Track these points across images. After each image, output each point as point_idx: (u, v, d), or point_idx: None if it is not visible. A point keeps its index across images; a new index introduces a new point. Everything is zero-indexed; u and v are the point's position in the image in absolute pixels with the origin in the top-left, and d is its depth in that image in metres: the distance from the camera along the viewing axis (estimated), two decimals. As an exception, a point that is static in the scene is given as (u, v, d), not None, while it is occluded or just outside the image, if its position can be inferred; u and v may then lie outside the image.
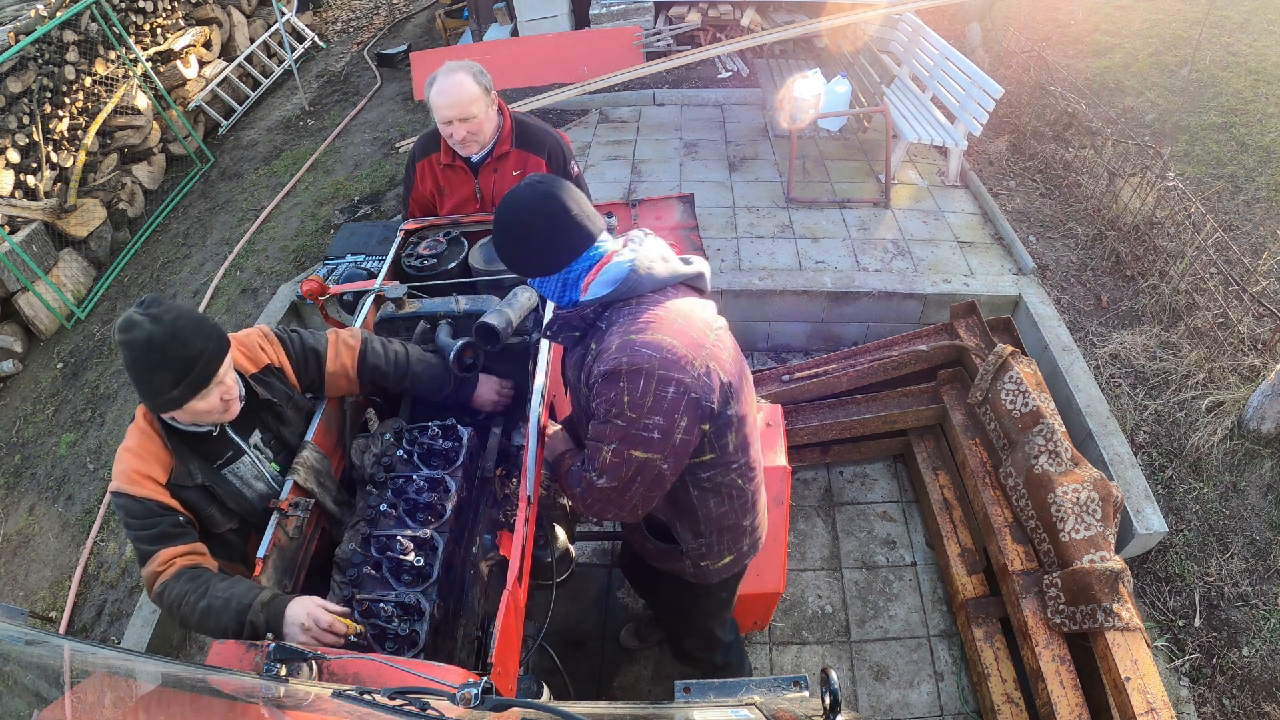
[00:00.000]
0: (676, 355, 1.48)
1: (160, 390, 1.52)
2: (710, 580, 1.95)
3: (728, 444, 1.66)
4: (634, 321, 1.51)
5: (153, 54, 6.52)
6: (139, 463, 1.63)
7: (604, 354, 1.51)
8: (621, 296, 1.55)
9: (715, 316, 1.67)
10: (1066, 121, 5.18)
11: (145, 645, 2.95)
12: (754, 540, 1.94)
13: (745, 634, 2.91)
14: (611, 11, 6.80)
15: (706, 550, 1.86)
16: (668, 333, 1.49)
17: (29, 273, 4.83)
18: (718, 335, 1.61)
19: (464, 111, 2.34)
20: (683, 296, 1.60)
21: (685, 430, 1.53)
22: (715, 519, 1.80)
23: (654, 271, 1.56)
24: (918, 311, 4.10)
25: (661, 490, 1.63)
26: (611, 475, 1.56)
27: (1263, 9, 6.85)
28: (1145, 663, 2.31)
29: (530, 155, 2.55)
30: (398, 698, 0.99)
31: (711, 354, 1.55)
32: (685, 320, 1.54)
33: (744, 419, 1.69)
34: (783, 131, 5.41)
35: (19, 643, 1.25)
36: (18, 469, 4.14)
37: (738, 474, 1.74)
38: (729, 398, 1.59)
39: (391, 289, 2.30)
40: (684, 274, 1.61)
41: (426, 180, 2.67)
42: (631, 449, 1.52)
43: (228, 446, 1.73)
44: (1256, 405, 3.16)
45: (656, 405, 1.48)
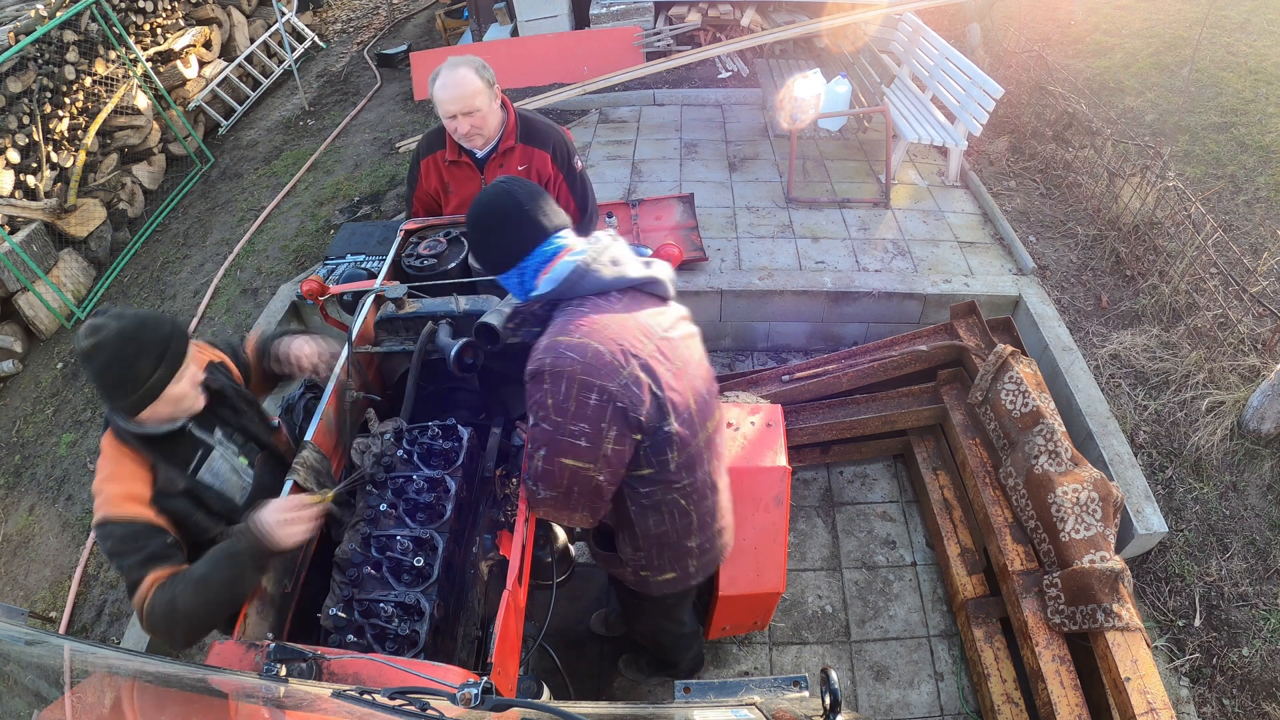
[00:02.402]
0: (601, 361, 1.46)
1: (141, 378, 1.54)
2: (650, 591, 1.93)
3: (667, 461, 1.62)
4: (566, 323, 1.52)
5: (153, 54, 6.52)
6: (120, 485, 1.62)
7: (533, 353, 1.53)
8: (563, 295, 1.57)
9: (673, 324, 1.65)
10: (1066, 121, 5.18)
11: (145, 645, 2.95)
12: (703, 562, 1.89)
13: (745, 634, 2.91)
14: (611, 11, 6.80)
15: (646, 563, 1.84)
16: (596, 338, 1.48)
17: (29, 273, 4.83)
18: (661, 346, 1.57)
19: (468, 105, 2.33)
20: (630, 301, 1.60)
21: (615, 440, 1.51)
22: (654, 536, 1.77)
23: (600, 273, 1.56)
24: (918, 311, 4.10)
25: (602, 500, 1.63)
26: (546, 484, 1.57)
27: (1263, 9, 6.85)
28: (1145, 663, 2.31)
29: (535, 150, 2.54)
30: (398, 698, 0.99)
31: (647, 364, 1.52)
32: (619, 326, 1.52)
33: (689, 438, 1.64)
34: (783, 131, 5.41)
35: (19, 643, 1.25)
36: (18, 469, 4.14)
37: (680, 494, 1.70)
38: (664, 412, 1.55)
39: (391, 289, 2.30)
40: (631, 278, 1.60)
41: (431, 178, 2.65)
42: (561, 456, 1.52)
43: (196, 446, 1.75)
44: (1256, 405, 3.16)
45: (580, 411, 1.47)
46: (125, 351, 1.53)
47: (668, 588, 1.91)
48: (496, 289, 2.43)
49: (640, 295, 1.63)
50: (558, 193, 2.61)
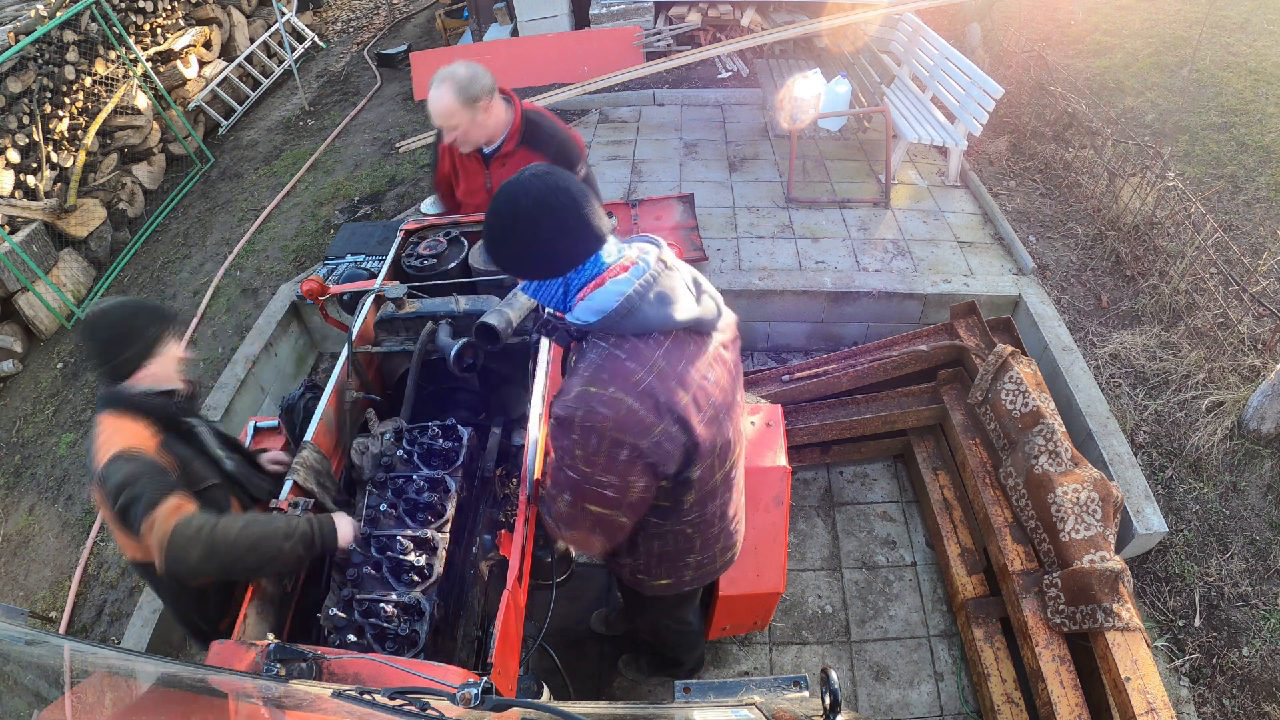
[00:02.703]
0: (634, 419, 1.37)
1: (144, 333, 1.78)
2: (644, 591, 1.94)
3: (683, 501, 1.61)
4: (600, 371, 1.37)
5: (153, 54, 6.52)
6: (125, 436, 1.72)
7: (563, 396, 1.41)
8: (602, 329, 1.40)
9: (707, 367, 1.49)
10: (1066, 121, 5.18)
11: (145, 645, 2.95)
12: (700, 574, 1.89)
13: (745, 634, 2.91)
14: (611, 11, 6.80)
15: (643, 569, 1.84)
16: (630, 393, 1.36)
17: (29, 273, 4.83)
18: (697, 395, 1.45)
19: (446, 122, 2.46)
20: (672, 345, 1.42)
21: (642, 489, 1.48)
22: (655, 553, 1.77)
23: (644, 313, 1.37)
24: (918, 311, 4.09)
25: (623, 535, 1.63)
26: (568, 525, 1.56)
27: (1263, 9, 6.85)
28: (1145, 663, 2.30)
29: (534, 155, 2.56)
30: (398, 698, 0.99)
31: (682, 416, 1.42)
32: (657, 378, 1.38)
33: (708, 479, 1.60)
34: (783, 131, 5.41)
35: (19, 643, 1.25)
36: (18, 469, 4.14)
37: (688, 525, 1.69)
38: (691, 461, 1.50)
39: (391, 289, 2.30)
40: (677, 321, 1.41)
41: (445, 161, 2.76)
42: (586, 503, 1.49)
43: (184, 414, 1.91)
44: (1256, 405, 3.16)
45: (609, 465, 1.41)
46: (125, 312, 1.80)
47: (662, 591, 1.92)
48: (496, 289, 2.44)
49: (682, 335, 1.45)
50: None
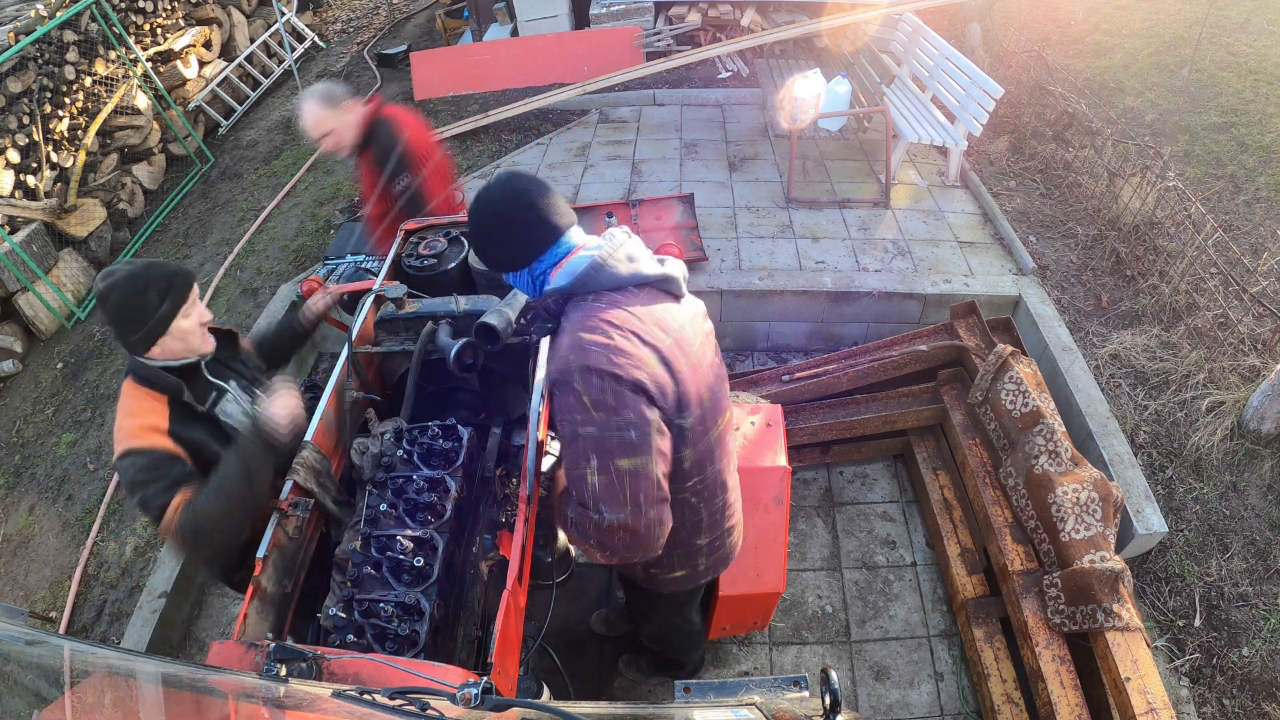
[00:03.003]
0: (624, 353, 1.44)
1: (149, 310, 1.73)
2: (661, 589, 1.93)
3: (682, 459, 1.60)
4: (584, 319, 1.48)
5: (153, 54, 6.52)
6: (139, 419, 1.75)
7: (554, 354, 1.49)
8: (579, 290, 1.53)
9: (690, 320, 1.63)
10: (1066, 121, 5.18)
11: (145, 645, 2.95)
12: (712, 560, 1.88)
13: (745, 634, 2.91)
14: (611, 11, 6.80)
15: (655, 560, 1.77)
16: (616, 330, 1.46)
17: (29, 273, 4.83)
18: (679, 339, 1.56)
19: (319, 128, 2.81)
20: (646, 296, 1.56)
21: (659, 428, 1.48)
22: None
23: (616, 269, 1.53)
24: (918, 311, 4.10)
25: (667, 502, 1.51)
26: (610, 502, 1.42)
27: (1263, 9, 6.85)
28: (1145, 663, 2.31)
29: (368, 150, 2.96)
30: (398, 698, 0.99)
31: (666, 357, 1.51)
32: (638, 320, 1.50)
33: (701, 435, 1.63)
34: (783, 131, 5.41)
35: (19, 643, 1.25)
36: (18, 469, 4.14)
37: (691, 492, 1.69)
38: (682, 406, 1.54)
39: (391, 289, 2.30)
40: (646, 275, 1.57)
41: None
42: (614, 459, 1.41)
43: (210, 389, 1.91)
44: (1256, 405, 3.16)
45: (619, 402, 1.41)
46: (135, 285, 1.73)
47: (677, 585, 1.91)
48: (496, 289, 2.44)
49: (655, 292, 1.60)
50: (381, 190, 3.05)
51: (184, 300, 1.79)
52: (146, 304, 1.73)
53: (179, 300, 1.78)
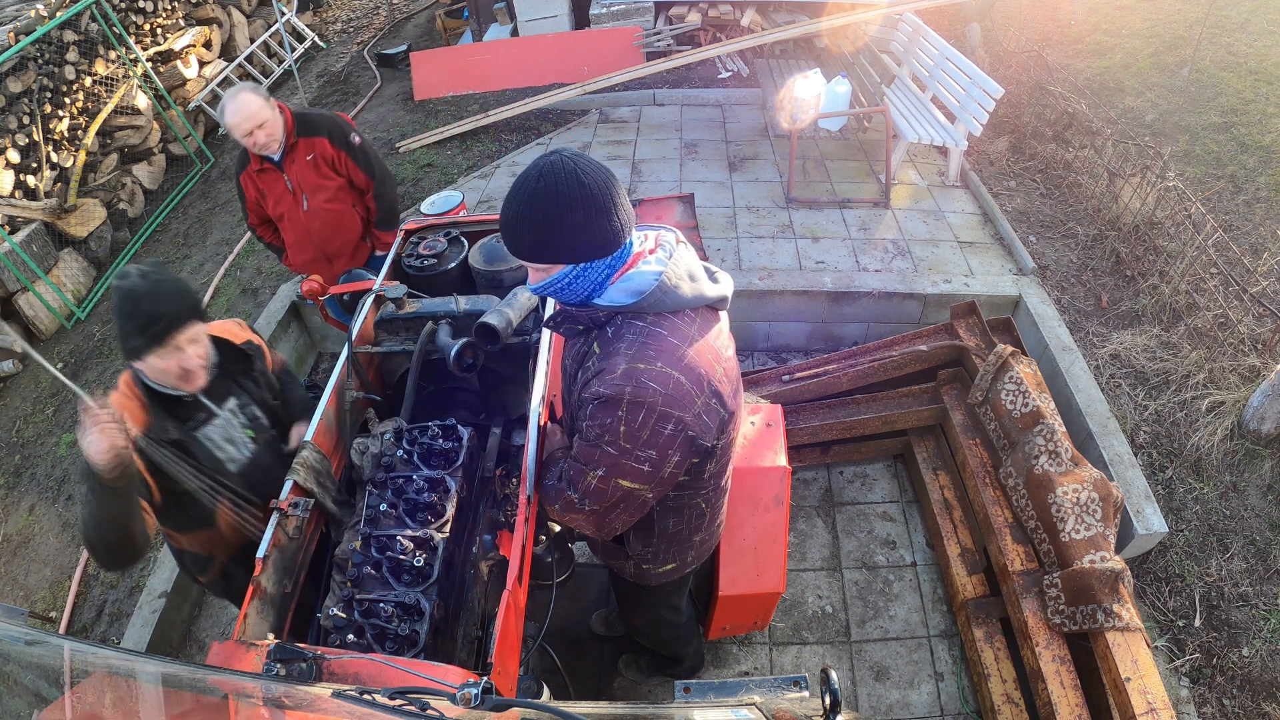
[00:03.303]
0: (681, 392, 1.39)
1: (126, 336, 1.73)
2: (649, 582, 1.96)
3: (705, 472, 1.63)
4: (644, 348, 1.39)
5: (153, 54, 6.52)
6: None
7: (606, 376, 1.39)
8: (641, 309, 1.42)
9: (726, 342, 1.59)
10: (1066, 121, 5.18)
11: (145, 645, 2.95)
12: (700, 552, 1.93)
13: (745, 634, 2.91)
14: (611, 11, 6.80)
15: (651, 557, 1.85)
16: (676, 367, 1.39)
17: (29, 273, 4.83)
18: (726, 367, 1.54)
19: (257, 119, 2.79)
20: (703, 322, 1.49)
21: (676, 465, 1.49)
22: (669, 533, 1.79)
23: (680, 290, 1.42)
24: (918, 311, 4.10)
25: (641, 514, 1.61)
26: (595, 500, 1.53)
27: (1263, 9, 6.85)
28: (1145, 663, 2.30)
29: (314, 139, 3.00)
30: (398, 698, 0.99)
31: (716, 389, 1.48)
32: (696, 353, 1.43)
33: (728, 448, 1.65)
34: (783, 131, 5.41)
35: (19, 643, 1.25)
36: (18, 469, 4.14)
37: (704, 498, 1.72)
38: (724, 431, 1.56)
39: (391, 289, 2.30)
40: (708, 298, 1.49)
41: (251, 189, 3.10)
42: (619, 478, 1.47)
43: (199, 409, 1.90)
44: (1256, 405, 3.15)
45: (652, 440, 1.42)
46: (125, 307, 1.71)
47: (665, 577, 1.93)
48: (496, 289, 2.44)
49: (708, 312, 1.52)
50: (345, 168, 3.10)
51: (158, 344, 1.72)
52: (125, 331, 1.72)
53: (153, 343, 1.72)
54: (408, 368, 2.10)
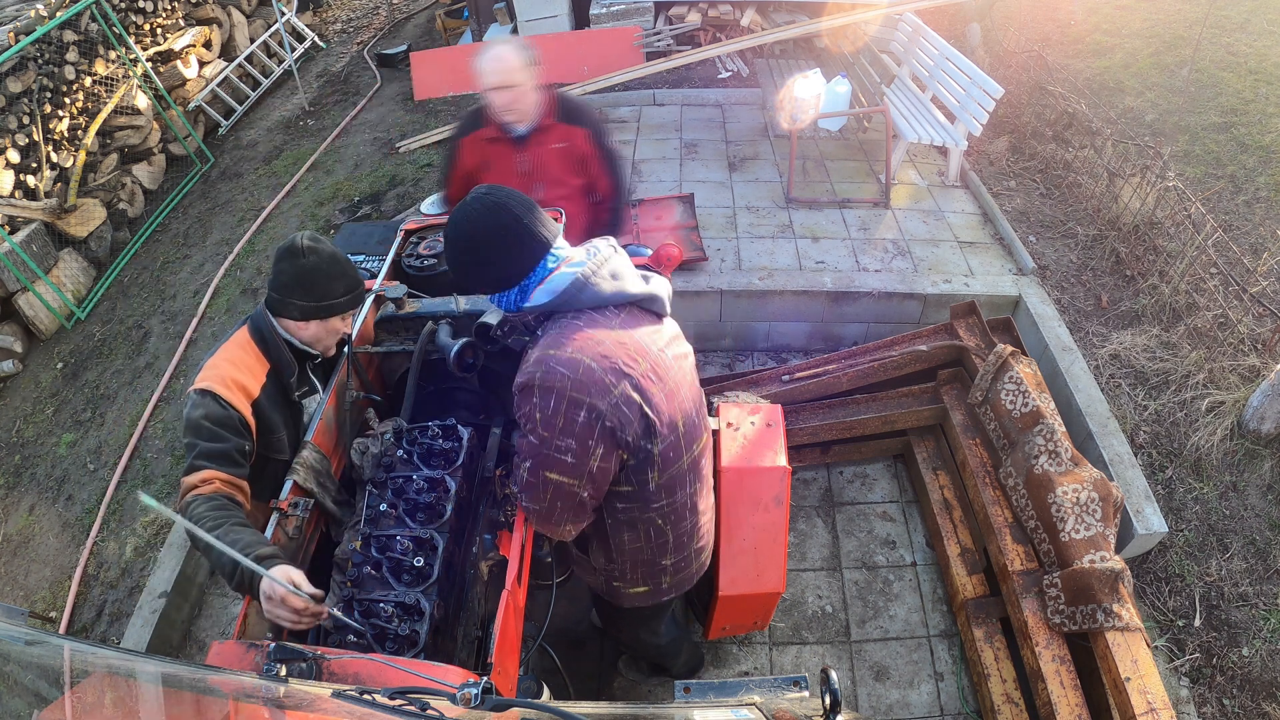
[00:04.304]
0: (592, 379, 1.42)
1: (330, 293, 1.81)
2: (621, 603, 1.92)
3: (647, 481, 1.60)
4: (559, 336, 1.46)
5: (153, 54, 6.52)
6: (235, 371, 1.76)
7: (523, 365, 1.49)
8: (559, 308, 1.50)
9: (668, 343, 1.60)
10: (1066, 121, 5.18)
11: (145, 645, 2.95)
12: (677, 579, 1.87)
13: (745, 634, 2.91)
14: (611, 11, 6.80)
15: (618, 574, 1.82)
16: (589, 354, 1.43)
17: (29, 273, 4.83)
18: (655, 365, 1.53)
19: (508, 79, 2.42)
20: (627, 317, 1.54)
21: (601, 458, 1.49)
22: (628, 551, 1.75)
23: (599, 287, 1.50)
24: (918, 311, 4.09)
25: (586, 514, 1.62)
26: (530, 495, 1.55)
27: (1263, 9, 6.85)
28: (1145, 663, 2.30)
29: (574, 128, 2.60)
30: (398, 698, 0.99)
31: (639, 383, 1.48)
32: (614, 343, 1.47)
33: (673, 460, 1.61)
34: (783, 131, 5.41)
35: (19, 643, 1.25)
36: (18, 469, 4.14)
37: (658, 514, 1.68)
38: (650, 433, 1.53)
39: (391, 289, 2.30)
40: (631, 294, 1.54)
41: (471, 156, 2.68)
42: (545, 470, 1.49)
43: (305, 382, 1.96)
44: (1256, 405, 3.16)
45: (568, 427, 1.44)
46: (335, 267, 1.82)
47: (639, 601, 1.89)
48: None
49: (637, 311, 1.57)
50: (593, 171, 2.69)
51: (356, 307, 1.90)
52: (332, 288, 1.81)
53: (354, 305, 1.88)
54: (408, 368, 2.09)
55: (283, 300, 1.82)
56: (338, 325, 1.89)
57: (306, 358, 1.94)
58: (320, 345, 1.92)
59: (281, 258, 1.81)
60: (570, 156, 2.62)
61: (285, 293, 1.81)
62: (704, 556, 1.92)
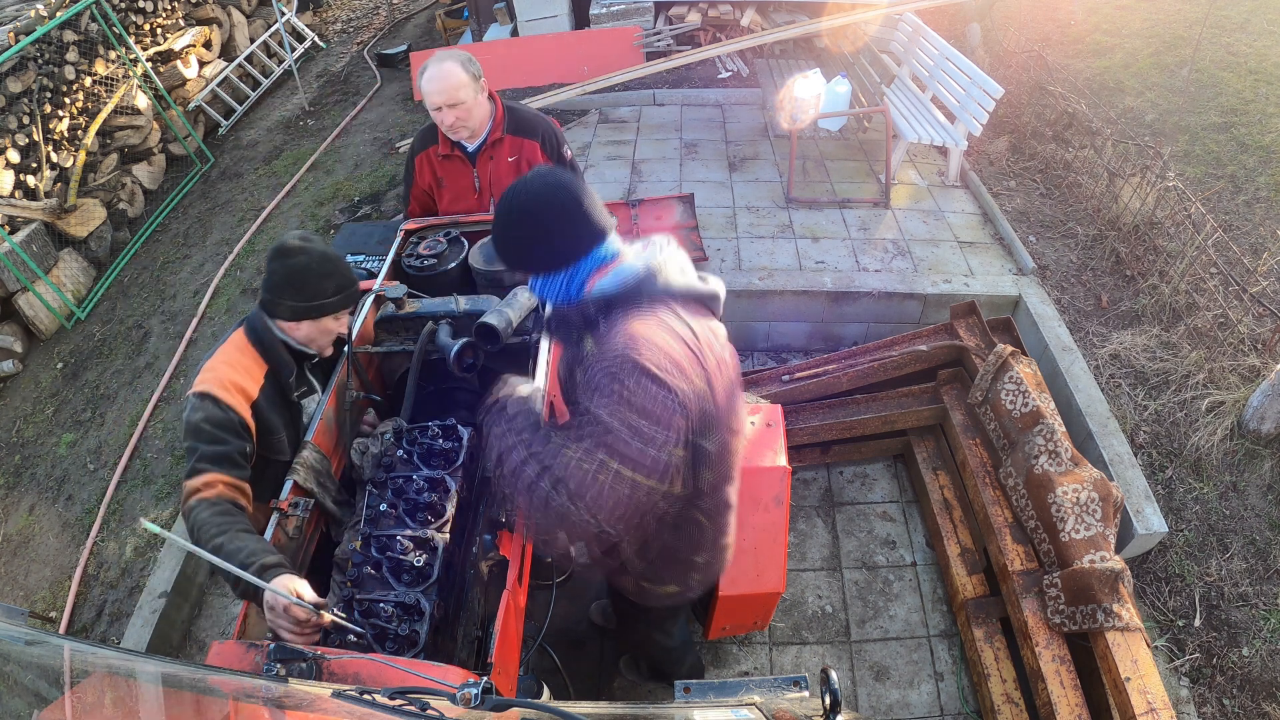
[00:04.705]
0: (674, 362, 1.34)
1: (322, 293, 1.80)
2: (650, 602, 1.88)
3: (701, 480, 1.54)
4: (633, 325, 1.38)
5: (153, 54, 6.52)
6: (233, 373, 1.76)
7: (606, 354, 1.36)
8: (627, 297, 1.42)
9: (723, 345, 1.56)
10: (1066, 121, 5.18)
11: (145, 645, 2.95)
12: (705, 576, 1.83)
13: (745, 634, 2.91)
14: (611, 11, 6.80)
15: (650, 574, 1.76)
16: (669, 336, 1.38)
17: (29, 273, 4.83)
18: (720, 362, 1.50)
19: (452, 97, 2.38)
20: (694, 312, 1.48)
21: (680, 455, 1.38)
22: (667, 548, 1.70)
23: (670, 279, 1.45)
24: (918, 311, 4.09)
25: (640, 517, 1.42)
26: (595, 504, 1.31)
27: (1263, 9, 6.85)
28: (1145, 663, 2.30)
29: (524, 140, 2.58)
30: (398, 698, 0.99)
31: (710, 377, 1.44)
32: (690, 335, 1.42)
33: (723, 458, 1.58)
34: (783, 131, 5.41)
35: (19, 643, 1.25)
36: (18, 469, 4.14)
37: (702, 512, 1.64)
38: (710, 428, 1.46)
39: (391, 289, 2.30)
40: (699, 291, 1.50)
41: (425, 173, 2.68)
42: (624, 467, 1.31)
43: (304, 383, 1.96)
44: (1256, 405, 3.15)
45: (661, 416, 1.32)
46: (326, 266, 1.81)
47: (668, 600, 1.86)
48: (496, 289, 2.44)
49: (701, 308, 1.52)
50: None
51: (349, 307, 1.89)
52: (323, 287, 1.80)
53: (346, 304, 1.87)
54: (408, 368, 2.10)
55: (274, 300, 1.82)
56: (330, 325, 1.88)
57: (304, 358, 1.94)
58: (315, 345, 1.91)
59: (273, 258, 1.81)
60: (525, 168, 2.55)
61: (276, 293, 1.81)
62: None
